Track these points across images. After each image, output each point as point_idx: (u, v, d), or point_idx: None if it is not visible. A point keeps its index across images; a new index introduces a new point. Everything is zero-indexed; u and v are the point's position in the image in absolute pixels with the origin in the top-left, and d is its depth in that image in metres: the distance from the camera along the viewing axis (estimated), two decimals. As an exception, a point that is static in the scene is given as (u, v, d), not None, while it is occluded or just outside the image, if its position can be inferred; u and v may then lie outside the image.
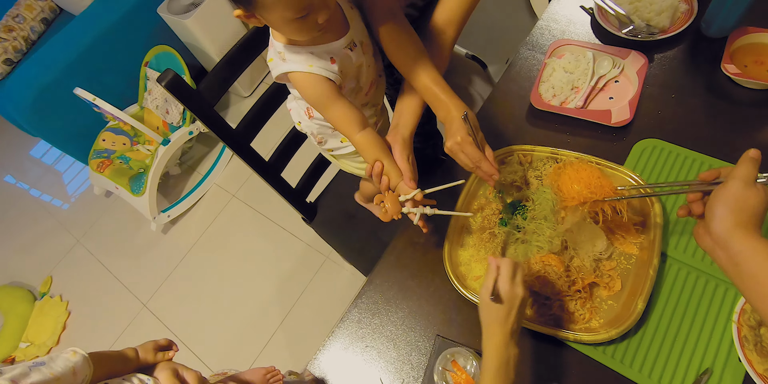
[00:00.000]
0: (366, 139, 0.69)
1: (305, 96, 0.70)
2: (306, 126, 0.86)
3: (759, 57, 0.84)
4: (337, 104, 0.68)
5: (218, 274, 1.82)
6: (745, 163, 0.50)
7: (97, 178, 1.89)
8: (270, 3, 0.55)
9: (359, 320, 0.75)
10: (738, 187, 0.48)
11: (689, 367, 0.61)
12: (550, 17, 1.05)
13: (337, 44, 0.67)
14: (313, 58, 0.66)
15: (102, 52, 1.82)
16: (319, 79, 0.66)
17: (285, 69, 0.67)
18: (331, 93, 0.68)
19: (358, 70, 0.74)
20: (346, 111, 0.69)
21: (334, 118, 0.70)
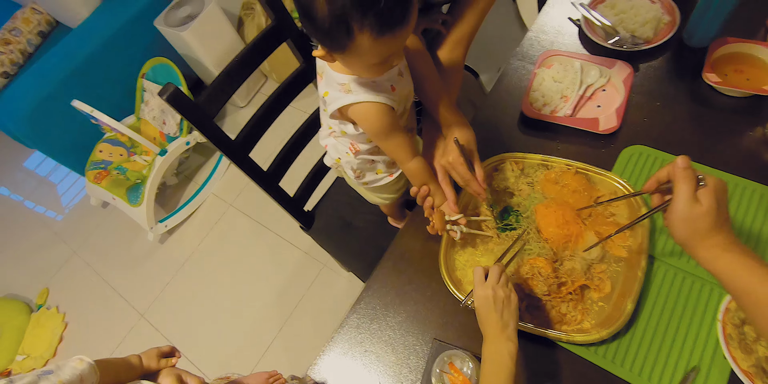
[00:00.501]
0: (417, 166, 0.76)
1: (370, 126, 0.72)
2: (346, 162, 0.89)
3: (738, 66, 0.88)
4: (399, 133, 0.73)
5: (216, 283, 1.84)
6: (680, 180, 0.52)
7: (94, 189, 1.91)
8: (363, 52, 0.57)
9: (358, 325, 0.78)
10: (683, 207, 0.51)
11: (677, 365, 0.63)
12: (539, 28, 1.09)
13: (392, 72, 0.70)
14: (379, 88, 0.68)
15: (99, 64, 1.85)
16: (387, 108, 0.69)
17: (352, 100, 0.68)
18: (395, 122, 0.72)
19: (409, 94, 0.78)
20: (404, 139, 0.74)
21: (394, 145, 0.74)
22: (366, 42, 0.55)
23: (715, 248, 0.51)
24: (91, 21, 1.89)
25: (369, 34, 0.54)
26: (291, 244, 1.84)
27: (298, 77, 1.02)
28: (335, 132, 0.85)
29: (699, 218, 0.51)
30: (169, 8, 1.94)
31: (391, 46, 0.58)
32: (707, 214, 0.50)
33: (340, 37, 0.56)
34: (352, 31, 0.54)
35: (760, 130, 0.82)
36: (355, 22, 0.53)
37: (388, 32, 0.55)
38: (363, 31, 0.54)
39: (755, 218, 0.73)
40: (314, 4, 0.53)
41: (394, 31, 0.55)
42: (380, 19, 0.53)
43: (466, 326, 0.74)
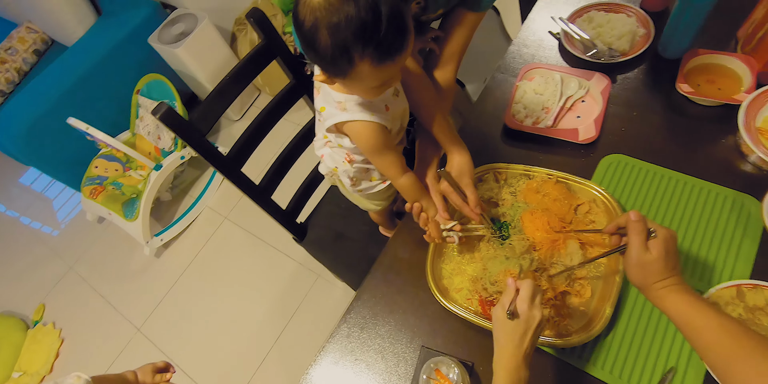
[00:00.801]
0: (408, 182, 0.80)
1: (363, 143, 0.75)
2: (343, 171, 0.92)
3: (710, 76, 0.93)
4: (391, 151, 0.76)
5: (212, 296, 1.85)
6: (632, 232, 0.60)
7: (89, 204, 1.94)
8: (363, 77, 0.61)
9: (348, 335, 0.80)
10: (635, 257, 0.59)
11: (656, 366, 0.66)
12: (521, 42, 1.13)
13: (388, 92, 0.74)
14: (373, 107, 0.72)
15: (94, 81, 1.89)
16: (380, 127, 0.72)
17: (346, 118, 0.71)
18: (388, 141, 0.75)
19: (404, 113, 0.81)
20: (396, 157, 0.77)
21: (386, 163, 0.78)
22: (366, 69, 0.59)
23: (663, 290, 0.57)
24: (87, 39, 1.94)
25: (370, 63, 0.57)
26: (286, 255, 1.86)
27: (290, 92, 1.06)
28: (331, 142, 0.88)
29: (649, 264, 0.58)
30: (162, 26, 1.99)
31: (390, 71, 0.62)
32: (656, 261, 0.58)
33: (341, 65, 0.59)
34: (353, 60, 0.57)
35: (732, 138, 0.86)
36: (357, 52, 0.56)
37: (388, 60, 0.58)
38: (364, 59, 0.57)
39: (728, 223, 0.76)
40: (317, 35, 0.56)
41: (393, 58, 0.59)
42: (380, 49, 0.56)
43: (453, 333, 0.76)
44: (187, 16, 1.99)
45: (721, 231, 0.76)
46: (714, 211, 0.78)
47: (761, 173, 0.81)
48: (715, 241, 0.75)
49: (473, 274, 0.79)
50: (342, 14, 0.54)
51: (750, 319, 0.65)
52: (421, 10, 0.89)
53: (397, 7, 0.55)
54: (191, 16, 1.98)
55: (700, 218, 0.78)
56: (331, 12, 0.54)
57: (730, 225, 0.76)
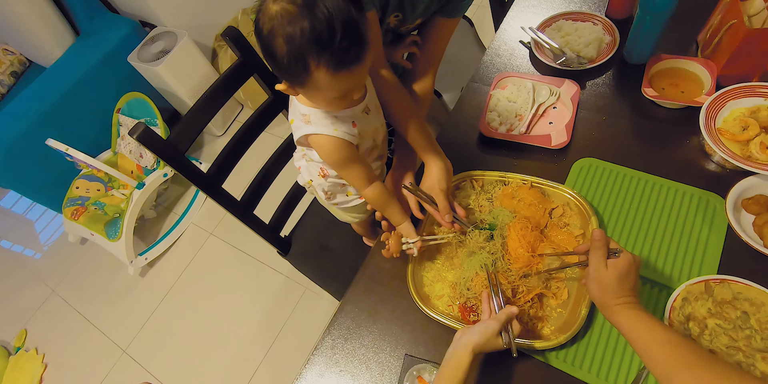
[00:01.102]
0: (374, 193, 0.81)
1: (327, 157, 0.77)
2: (318, 184, 0.94)
3: (673, 80, 0.97)
4: (356, 165, 0.78)
5: (199, 313, 1.84)
6: (592, 250, 0.65)
7: (71, 225, 1.92)
8: (320, 87, 0.62)
9: (333, 346, 0.81)
10: (592, 273, 0.64)
11: (632, 363, 0.68)
12: (494, 52, 1.18)
13: (357, 109, 0.76)
14: (338, 122, 0.73)
15: (73, 102, 1.90)
16: (344, 143, 0.74)
17: (310, 131, 0.73)
18: (352, 155, 0.77)
19: (376, 131, 0.83)
20: (361, 170, 0.79)
21: (351, 176, 0.80)
22: (323, 78, 0.61)
23: (617, 306, 0.61)
24: (65, 60, 1.95)
25: (325, 71, 0.59)
26: (272, 269, 1.86)
27: (270, 107, 1.08)
28: (306, 155, 0.90)
29: (605, 280, 0.63)
30: (142, 44, 2.01)
31: (348, 81, 0.64)
32: (611, 279, 0.62)
33: (298, 73, 0.61)
34: (309, 68, 0.59)
35: (695, 139, 0.90)
36: (312, 60, 0.58)
37: (343, 69, 0.60)
38: (319, 68, 0.59)
39: (695, 221, 0.79)
40: (274, 42, 0.59)
41: (350, 68, 0.61)
42: (335, 58, 0.58)
43: (435, 340, 0.78)
44: (167, 34, 2.01)
45: (689, 228, 0.79)
46: (681, 210, 0.81)
47: (724, 172, 0.84)
48: (684, 238, 0.78)
49: (453, 280, 0.81)
50: (297, 25, 0.56)
51: (718, 312, 0.68)
52: (400, 23, 0.92)
53: (352, 19, 0.58)
54: (171, 33, 2.01)
55: (669, 217, 0.81)
56: (287, 21, 0.56)
57: (698, 222, 0.79)
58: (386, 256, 0.81)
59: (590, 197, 0.87)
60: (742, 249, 0.74)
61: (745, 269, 0.72)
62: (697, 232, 0.78)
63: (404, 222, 0.82)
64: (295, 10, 0.56)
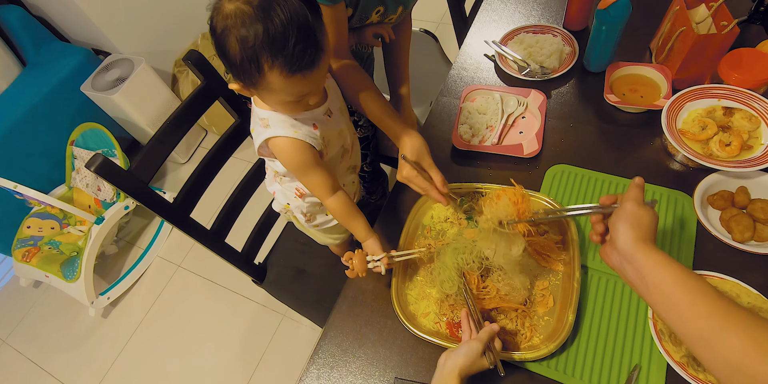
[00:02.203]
0: (336, 203, 0.80)
1: (287, 161, 0.77)
2: (295, 207, 0.93)
3: (633, 85, 1.04)
4: (317, 170, 0.77)
5: (169, 352, 1.77)
6: (633, 188, 0.61)
7: (22, 268, 1.83)
8: (274, 89, 0.63)
9: (318, 376, 0.80)
10: (633, 207, 0.58)
11: (621, 365, 0.70)
12: (460, 66, 1.23)
13: (317, 111, 0.76)
14: (298, 124, 0.74)
15: (22, 136, 1.84)
16: (304, 145, 0.74)
17: (269, 134, 0.73)
18: (313, 160, 0.76)
19: (340, 135, 0.83)
20: (324, 177, 0.78)
21: (314, 183, 0.79)
22: (276, 80, 0.61)
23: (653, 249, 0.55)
24: (10, 92, 1.89)
25: (279, 73, 0.60)
26: (246, 298, 1.82)
27: (236, 131, 1.09)
28: (278, 174, 0.90)
29: (644, 217, 0.57)
30: (96, 72, 1.98)
31: (302, 86, 0.64)
32: (651, 219, 0.57)
33: (251, 74, 0.62)
34: (262, 69, 0.60)
35: (658, 141, 0.96)
36: (266, 62, 0.59)
37: (297, 73, 0.61)
38: (273, 70, 0.60)
39: (666, 219, 0.84)
40: (227, 42, 0.59)
41: (303, 73, 0.62)
42: (289, 61, 0.59)
43: (424, 360, 0.78)
44: (123, 61, 2.00)
45: (661, 227, 0.83)
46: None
47: (688, 170, 0.90)
48: (658, 236, 0.82)
49: (437, 296, 0.82)
50: (252, 27, 0.57)
51: (700, 309, 0.71)
52: (382, 16, 0.97)
53: (308, 24, 0.59)
54: (127, 60, 1.99)
55: (643, 218, 0.85)
56: (241, 22, 0.57)
57: (669, 220, 0.83)
58: (351, 276, 0.78)
59: (565, 203, 0.90)
60: (713, 244, 0.79)
61: (718, 263, 0.77)
62: (670, 229, 0.82)
63: (370, 238, 0.81)
64: (250, 12, 0.57)
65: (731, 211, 0.79)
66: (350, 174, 0.99)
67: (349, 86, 0.88)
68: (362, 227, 0.81)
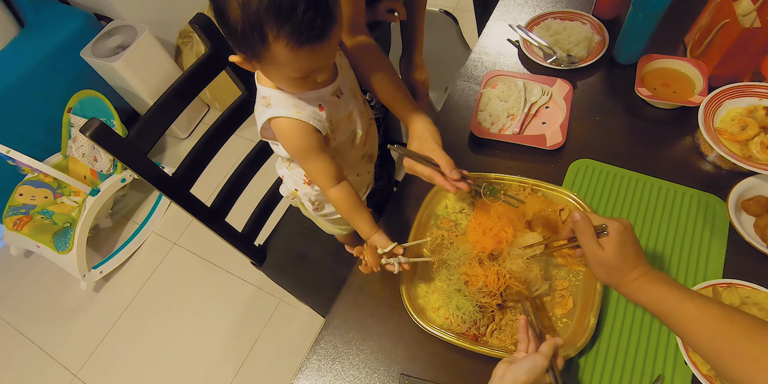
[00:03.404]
0: (339, 194, 0.73)
1: (287, 144, 0.70)
2: (303, 193, 0.86)
3: (665, 80, 0.97)
4: (321, 156, 0.70)
5: (161, 331, 1.72)
6: (579, 233, 0.60)
7: (13, 237, 1.77)
8: (280, 62, 0.56)
9: (319, 368, 0.75)
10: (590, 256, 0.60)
11: (643, 374, 0.66)
12: (482, 50, 1.15)
13: (325, 91, 0.68)
14: (302, 103, 0.66)
15: (16, 100, 1.75)
16: (307, 128, 0.66)
17: (270, 114, 0.66)
18: (317, 145, 0.68)
19: (349, 119, 0.75)
20: (327, 164, 0.70)
21: (315, 170, 0.71)
22: (282, 53, 0.54)
23: (634, 282, 0.57)
24: (6, 54, 1.79)
25: (285, 45, 0.53)
26: (243, 280, 1.77)
27: (241, 105, 1.02)
28: (284, 159, 0.84)
29: (606, 260, 0.58)
30: (97, 38, 1.88)
31: (311, 60, 0.57)
32: (613, 256, 0.58)
33: (254, 44, 0.54)
34: (267, 39, 0.53)
35: (689, 139, 0.90)
36: (270, 30, 0.52)
37: (305, 45, 0.54)
38: (278, 40, 0.53)
39: (696, 223, 0.79)
40: (227, 5, 0.52)
41: (312, 45, 0.54)
42: (297, 31, 0.52)
43: (432, 357, 0.73)
44: (125, 28, 1.90)
45: (690, 231, 0.78)
46: (682, 212, 0.80)
47: (720, 172, 0.84)
48: (686, 241, 0.77)
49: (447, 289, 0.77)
50: None
51: (729, 319, 0.66)
52: None
53: None
54: (129, 27, 1.90)
55: (670, 219, 0.80)
56: None
57: (698, 225, 0.78)
58: (365, 272, 0.69)
59: (589, 199, 0.85)
60: (746, 251, 0.74)
61: (750, 272, 0.72)
62: (699, 234, 0.77)
63: (374, 234, 0.73)
64: None
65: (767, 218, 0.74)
66: (366, 163, 0.91)
67: (362, 66, 0.80)
68: (366, 222, 0.74)
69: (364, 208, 0.74)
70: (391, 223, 0.90)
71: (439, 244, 0.83)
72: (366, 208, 0.75)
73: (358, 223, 0.74)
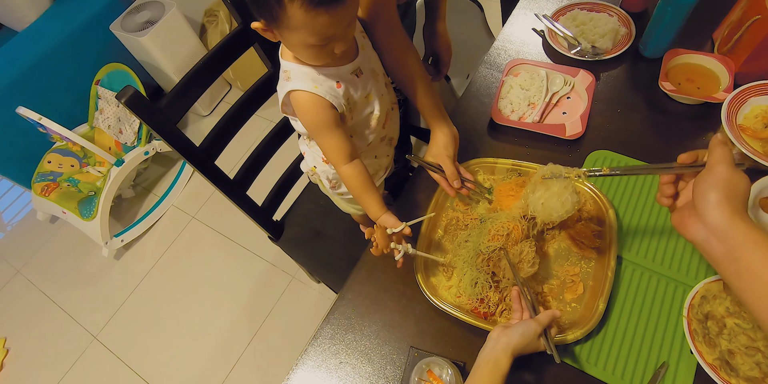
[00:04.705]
0: (350, 172, 0.73)
1: (304, 118, 0.70)
2: (322, 171, 0.87)
3: (690, 75, 0.95)
4: (335, 133, 0.70)
5: (177, 300, 1.76)
6: (718, 146, 0.49)
7: (41, 202, 1.80)
8: (296, 26, 0.56)
9: (332, 336, 0.76)
10: (727, 171, 0.47)
11: (648, 361, 0.66)
12: (506, 38, 1.13)
13: (344, 69, 0.69)
14: (321, 78, 0.67)
15: (48, 70, 1.77)
16: (323, 102, 0.67)
17: (289, 87, 0.67)
18: (332, 121, 0.69)
19: (367, 99, 0.75)
20: (341, 141, 0.71)
21: (328, 146, 0.72)
22: (298, 14, 0.54)
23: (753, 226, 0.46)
24: (39, 24, 1.81)
25: (300, 5, 0.53)
26: (257, 255, 1.79)
27: (265, 84, 1.01)
28: (304, 135, 0.84)
29: (741, 184, 0.47)
30: (126, 13, 1.88)
31: (327, 25, 0.56)
32: (748, 184, 0.47)
33: (271, 6, 0.55)
34: (283, 1, 0.53)
35: (711, 136, 0.88)
36: None
37: (320, 6, 0.54)
38: (293, 1, 0.53)
39: (712, 218, 0.78)
40: None
41: (327, 7, 0.54)
42: None
43: (442, 332, 0.74)
44: (154, 4, 1.89)
45: (705, 226, 0.77)
46: (698, 207, 0.79)
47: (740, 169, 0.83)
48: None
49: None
50: None
51: (737, 311, 0.66)
52: None
53: None
54: (158, 3, 1.89)
55: (685, 213, 0.79)
56: None
57: (714, 220, 0.77)
58: (376, 254, 0.68)
59: (605, 190, 0.84)
60: (759, 248, 0.73)
61: (762, 268, 0.71)
62: (714, 229, 0.76)
63: (383, 214, 0.73)
64: None
65: (784, 215, 0.73)
66: (385, 146, 0.91)
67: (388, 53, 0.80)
68: (376, 202, 0.73)
69: (374, 188, 0.74)
70: (407, 206, 0.90)
71: (453, 225, 0.83)
72: (376, 189, 0.75)
73: (367, 203, 0.74)
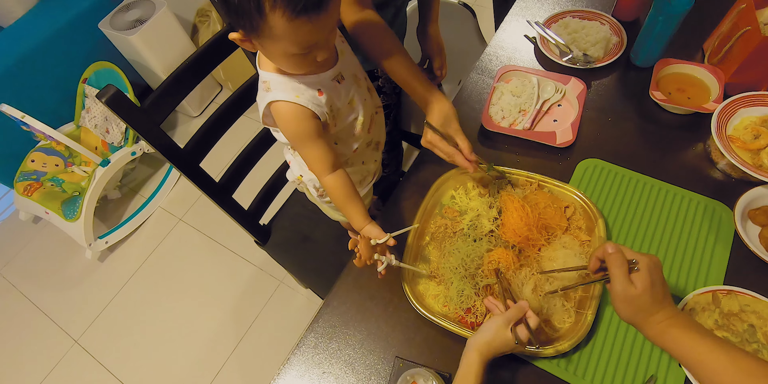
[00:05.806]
0: (333, 183, 0.71)
1: (286, 129, 0.68)
2: (308, 179, 0.85)
3: (681, 85, 0.95)
4: (317, 143, 0.68)
5: (162, 304, 1.72)
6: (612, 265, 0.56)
7: (23, 202, 1.76)
8: (278, 35, 0.54)
9: (316, 345, 0.74)
10: (620, 292, 0.55)
11: (636, 374, 0.65)
12: (498, 44, 1.13)
13: (325, 76, 0.67)
14: (302, 87, 0.65)
15: (34, 67, 1.72)
16: (305, 113, 0.65)
17: (270, 98, 0.64)
18: (314, 131, 0.66)
19: (350, 105, 0.73)
20: (324, 151, 0.69)
21: (311, 156, 0.70)
22: (279, 24, 0.52)
23: (659, 325, 0.54)
24: (26, 20, 1.77)
25: (282, 14, 0.51)
26: (245, 259, 1.76)
27: (254, 85, 0.99)
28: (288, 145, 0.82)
29: (636, 298, 0.54)
30: (116, 11, 1.85)
31: (309, 33, 0.55)
32: (643, 294, 0.54)
33: (251, 16, 0.53)
34: (264, 10, 0.51)
35: (701, 146, 0.88)
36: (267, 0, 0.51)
37: (303, 14, 0.52)
38: (275, 10, 0.51)
39: (701, 229, 0.77)
40: None
41: (310, 15, 0.52)
42: None
43: (428, 342, 0.72)
44: (144, 3, 1.86)
45: (694, 237, 0.76)
46: (687, 217, 0.79)
47: (729, 180, 0.82)
48: (690, 246, 0.75)
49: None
50: None
51: (725, 324, 0.65)
52: None
53: None
54: (148, 2, 1.86)
55: (675, 224, 0.78)
56: None
57: (703, 231, 0.77)
58: (359, 265, 0.66)
59: (595, 199, 0.83)
60: (748, 260, 0.72)
61: (751, 281, 0.70)
62: (703, 240, 0.76)
63: (367, 224, 0.71)
64: None
65: (772, 227, 0.72)
66: (372, 151, 0.89)
67: (371, 42, 0.78)
68: (359, 213, 0.71)
69: (358, 198, 0.72)
70: (396, 211, 0.88)
71: (442, 232, 0.82)
72: (360, 199, 0.73)
73: (351, 213, 0.72)
